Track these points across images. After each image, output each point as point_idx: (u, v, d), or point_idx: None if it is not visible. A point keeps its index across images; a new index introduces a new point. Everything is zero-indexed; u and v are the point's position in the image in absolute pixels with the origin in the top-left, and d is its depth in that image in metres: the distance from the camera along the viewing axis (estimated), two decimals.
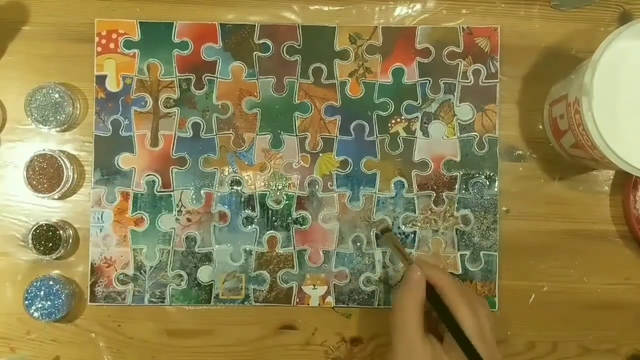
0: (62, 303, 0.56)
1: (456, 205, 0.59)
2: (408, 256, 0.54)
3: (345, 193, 0.59)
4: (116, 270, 0.58)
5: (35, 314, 0.56)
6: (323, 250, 0.58)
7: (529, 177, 0.59)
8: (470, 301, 0.49)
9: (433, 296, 0.50)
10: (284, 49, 0.59)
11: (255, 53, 0.59)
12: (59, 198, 0.58)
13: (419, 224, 0.59)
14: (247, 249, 0.58)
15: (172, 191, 0.59)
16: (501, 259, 0.58)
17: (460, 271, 0.58)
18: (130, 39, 0.59)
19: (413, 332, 0.48)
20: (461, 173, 0.59)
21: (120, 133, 0.59)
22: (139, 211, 0.58)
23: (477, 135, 0.59)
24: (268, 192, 0.59)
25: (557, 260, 0.59)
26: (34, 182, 0.57)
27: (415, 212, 0.59)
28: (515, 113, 0.60)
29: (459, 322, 0.48)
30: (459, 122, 0.59)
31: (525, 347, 0.59)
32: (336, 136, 0.59)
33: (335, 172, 0.59)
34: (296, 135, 0.59)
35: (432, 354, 0.47)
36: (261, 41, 0.59)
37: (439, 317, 0.49)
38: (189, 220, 0.59)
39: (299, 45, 0.59)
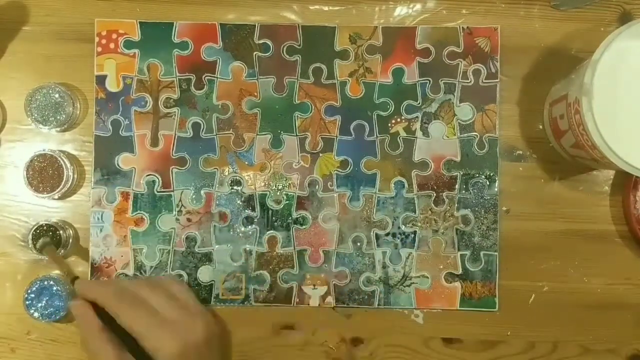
0: (62, 303, 0.56)
1: (456, 205, 0.59)
2: (68, 269, 0.56)
3: (345, 193, 0.59)
4: (116, 270, 0.58)
5: (35, 314, 0.56)
6: (323, 250, 0.58)
7: (529, 177, 0.59)
8: (133, 301, 0.49)
9: (104, 315, 0.49)
10: (284, 49, 0.59)
11: (255, 53, 0.59)
12: (59, 198, 0.58)
13: (419, 224, 0.59)
14: (247, 249, 0.58)
15: (172, 191, 0.59)
16: (501, 259, 0.58)
17: (460, 271, 0.58)
18: (130, 39, 0.59)
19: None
20: (461, 173, 0.59)
21: (120, 133, 0.59)
22: (139, 211, 0.58)
23: (477, 135, 0.59)
24: (268, 192, 0.59)
25: (557, 260, 0.59)
26: (34, 182, 0.57)
27: (415, 212, 0.59)
28: (515, 113, 0.60)
29: (128, 328, 0.48)
30: (459, 122, 0.59)
31: (525, 347, 0.59)
32: (336, 136, 0.59)
33: (335, 172, 0.59)
34: (296, 135, 0.59)
35: None
36: (261, 41, 0.59)
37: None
38: (189, 220, 0.59)
39: (299, 45, 0.59)
